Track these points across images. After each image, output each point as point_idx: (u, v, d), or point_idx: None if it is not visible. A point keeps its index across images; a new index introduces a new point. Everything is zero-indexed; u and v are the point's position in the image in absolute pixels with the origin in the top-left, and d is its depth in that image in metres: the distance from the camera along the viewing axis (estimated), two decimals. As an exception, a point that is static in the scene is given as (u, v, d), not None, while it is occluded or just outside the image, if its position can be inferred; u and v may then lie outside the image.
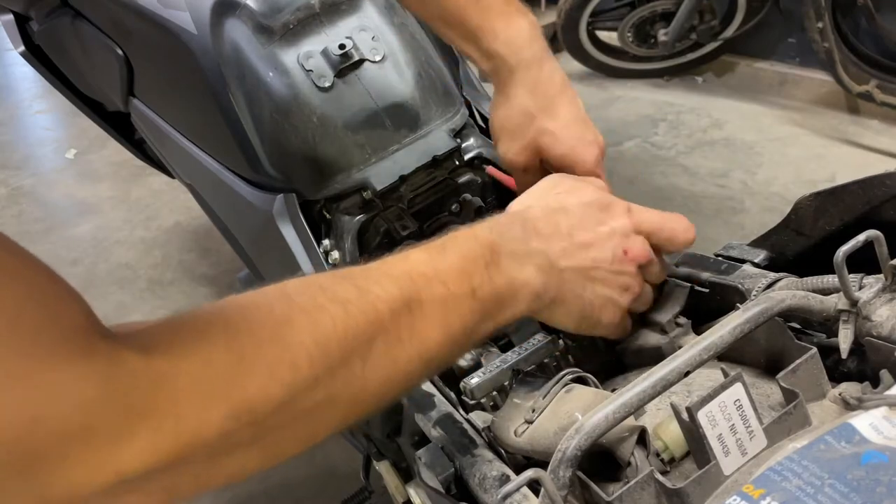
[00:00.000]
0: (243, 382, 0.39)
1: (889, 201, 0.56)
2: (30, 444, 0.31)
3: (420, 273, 0.50)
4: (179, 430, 0.36)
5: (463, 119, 0.88)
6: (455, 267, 0.52)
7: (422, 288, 0.49)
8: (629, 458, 0.48)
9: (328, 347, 0.43)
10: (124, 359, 0.34)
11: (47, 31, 1.31)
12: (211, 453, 0.38)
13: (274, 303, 0.44)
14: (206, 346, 0.38)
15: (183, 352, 0.37)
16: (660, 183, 2.29)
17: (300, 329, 0.43)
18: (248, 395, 0.39)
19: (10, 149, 2.99)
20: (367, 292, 0.47)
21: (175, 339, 0.38)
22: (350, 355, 0.44)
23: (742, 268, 0.64)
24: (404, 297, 0.48)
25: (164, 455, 0.35)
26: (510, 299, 0.55)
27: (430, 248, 0.53)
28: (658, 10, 2.71)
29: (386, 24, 0.87)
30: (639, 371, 0.66)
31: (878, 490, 0.38)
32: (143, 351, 0.35)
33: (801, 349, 0.50)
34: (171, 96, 1.07)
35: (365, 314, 0.46)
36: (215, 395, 0.37)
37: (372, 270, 0.50)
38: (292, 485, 1.50)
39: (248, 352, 0.40)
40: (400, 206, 0.83)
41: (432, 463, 0.58)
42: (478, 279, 0.53)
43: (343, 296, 0.46)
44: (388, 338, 0.47)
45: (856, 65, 2.35)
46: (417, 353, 0.49)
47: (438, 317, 0.50)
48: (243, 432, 0.39)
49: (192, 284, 2.11)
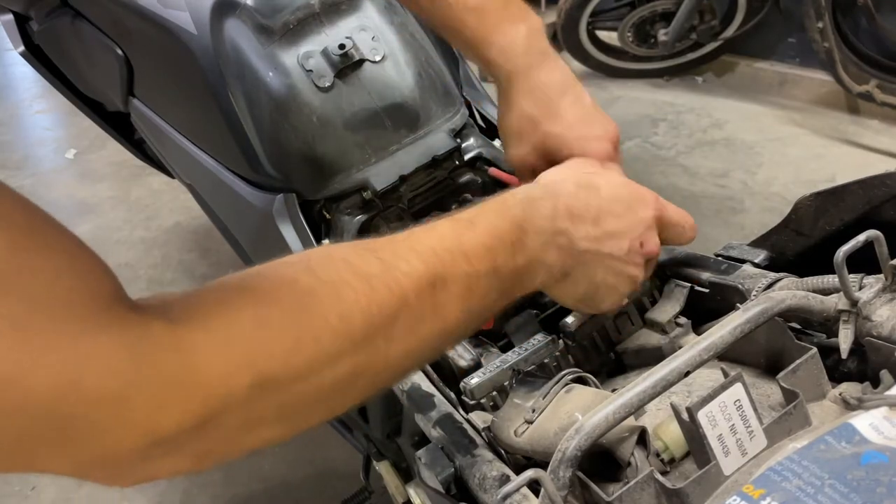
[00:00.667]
0: (268, 352, 0.39)
1: (889, 201, 0.56)
2: (65, 409, 0.32)
3: (446, 249, 0.50)
4: (207, 396, 0.37)
5: (463, 119, 0.88)
6: (481, 244, 0.52)
7: (447, 265, 0.49)
8: (629, 458, 0.48)
9: (352, 322, 0.43)
10: (153, 329, 0.35)
11: (47, 31, 1.31)
12: (238, 420, 0.39)
13: (299, 275, 0.44)
14: (231, 316, 0.39)
15: (208, 322, 0.38)
16: (660, 183, 2.29)
17: (324, 303, 0.43)
18: (272, 364, 0.39)
19: (10, 149, 2.99)
20: (392, 268, 0.47)
21: (201, 310, 0.39)
22: (373, 331, 0.44)
23: (742, 268, 0.64)
24: (429, 275, 0.48)
25: (192, 420, 0.36)
26: (528, 276, 0.56)
27: (459, 222, 0.53)
28: (658, 9, 2.71)
29: (386, 24, 0.87)
30: (639, 371, 0.66)
31: (878, 490, 0.38)
32: (171, 321, 0.37)
33: (801, 349, 0.50)
34: (170, 96, 1.07)
35: (389, 290, 0.46)
36: (240, 363, 0.38)
37: (398, 244, 0.50)
38: (292, 485, 1.50)
39: (273, 322, 0.40)
40: (400, 206, 0.83)
41: (432, 463, 0.58)
42: (501, 258, 0.53)
43: (367, 270, 0.46)
44: (411, 314, 0.47)
45: (856, 65, 2.35)
46: (439, 329, 0.49)
47: (461, 294, 0.50)
48: (268, 400, 0.40)
49: (192, 284, 2.11)
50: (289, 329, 0.41)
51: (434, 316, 0.48)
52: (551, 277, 0.58)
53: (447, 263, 0.49)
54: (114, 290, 0.36)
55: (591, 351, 0.69)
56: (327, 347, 0.42)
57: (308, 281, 0.43)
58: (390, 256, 0.48)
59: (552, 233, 0.56)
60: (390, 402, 0.74)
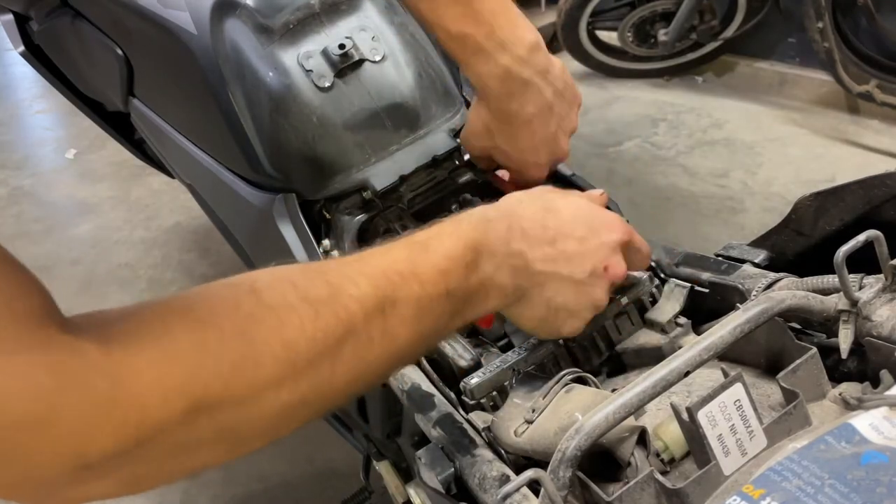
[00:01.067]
0: (205, 376, 0.39)
1: (889, 201, 0.56)
2: None
3: (397, 272, 0.50)
4: (140, 420, 0.36)
5: (463, 119, 0.88)
6: (434, 266, 0.52)
7: (398, 287, 0.49)
8: (629, 458, 0.48)
9: (295, 349, 0.43)
10: (84, 350, 0.35)
11: (47, 31, 1.31)
12: (173, 444, 0.38)
13: (241, 297, 0.43)
14: (167, 338, 0.38)
15: (143, 344, 0.37)
16: (660, 183, 2.29)
17: (267, 328, 0.42)
18: (208, 389, 0.39)
19: (10, 149, 2.99)
20: (340, 292, 0.46)
21: (136, 331, 0.38)
22: (318, 357, 0.44)
23: (742, 268, 0.64)
24: (378, 298, 0.48)
25: (125, 445, 0.35)
26: (481, 298, 0.56)
27: (413, 244, 0.53)
28: (658, 9, 2.70)
29: (386, 24, 0.87)
30: (639, 371, 0.66)
31: (878, 490, 0.38)
32: (105, 342, 0.36)
33: (801, 349, 0.50)
34: (170, 96, 1.07)
35: (336, 316, 0.45)
36: (175, 387, 0.37)
37: (349, 266, 0.49)
38: (292, 485, 1.50)
39: (211, 346, 0.40)
40: (400, 206, 0.83)
41: (432, 463, 0.58)
42: (454, 279, 0.53)
43: (315, 295, 0.45)
44: (358, 339, 0.46)
45: (856, 65, 2.35)
46: (387, 352, 0.49)
47: (411, 317, 0.50)
48: (204, 425, 0.39)
49: (192, 284, 2.10)
50: (227, 354, 0.40)
51: (383, 339, 0.48)
52: (506, 299, 0.57)
53: (398, 286, 0.49)
54: (44, 310, 0.35)
55: (591, 351, 0.69)
56: (268, 374, 0.41)
57: (251, 304, 0.43)
58: (339, 279, 0.47)
59: (506, 254, 0.56)
60: (390, 402, 0.74)
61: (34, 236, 2.38)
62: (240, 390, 0.40)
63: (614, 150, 2.48)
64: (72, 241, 2.35)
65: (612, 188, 0.68)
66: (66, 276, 2.19)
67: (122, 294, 2.10)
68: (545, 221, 0.58)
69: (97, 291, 2.11)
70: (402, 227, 0.83)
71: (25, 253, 2.30)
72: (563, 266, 0.58)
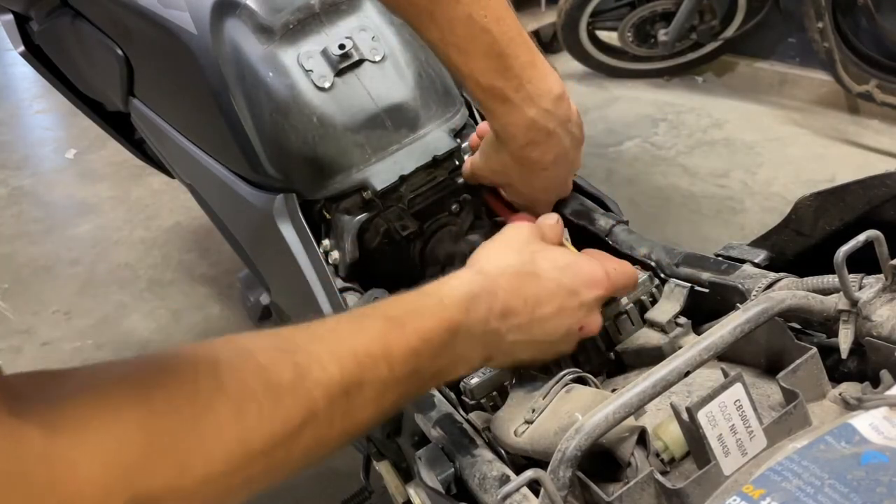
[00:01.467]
0: (152, 471, 0.37)
1: (889, 201, 0.56)
2: None
3: (369, 353, 0.49)
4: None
5: (463, 119, 0.88)
6: (407, 346, 0.51)
7: (366, 370, 0.49)
8: (629, 458, 0.48)
9: (250, 442, 0.42)
10: (27, 437, 0.33)
11: (47, 31, 1.31)
12: None
13: (201, 380, 0.41)
14: (119, 426, 0.37)
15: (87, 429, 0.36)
16: (660, 183, 2.29)
17: (224, 419, 0.41)
18: (154, 485, 0.37)
19: (10, 149, 2.99)
20: (306, 376, 0.45)
21: (82, 411, 0.36)
22: (273, 446, 0.43)
23: (742, 268, 0.64)
24: (345, 383, 0.47)
25: None
26: (448, 373, 0.57)
27: (390, 321, 0.52)
28: (658, 9, 2.70)
29: (386, 24, 0.87)
30: (639, 371, 0.66)
31: (878, 490, 0.38)
32: (50, 427, 0.34)
33: (801, 349, 0.50)
34: (171, 96, 1.07)
35: (297, 404, 0.44)
36: (118, 480, 0.36)
37: (320, 342, 0.49)
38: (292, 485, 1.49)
39: (163, 440, 0.38)
40: (400, 206, 0.83)
41: (432, 463, 0.58)
42: (425, 359, 0.53)
43: (278, 380, 0.44)
44: (318, 423, 0.46)
45: (856, 65, 2.35)
46: (346, 431, 0.49)
47: (375, 398, 0.49)
48: None
49: (192, 284, 2.11)
50: (178, 448, 0.39)
51: (343, 420, 0.48)
52: (472, 369, 0.61)
53: (367, 369, 0.49)
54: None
55: (591, 351, 0.69)
56: (219, 469, 0.40)
57: (209, 390, 0.41)
58: (306, 360, 0.46)
59: (483, 333, 0.57)
60: (390, 402, 0.74)
61: (34, 236, 2.38)
62: (186, 484, 0.39)
63: (614, 150, 2.48)
64: (72, 241, 2.35)
65: (612, 188, 0.68)
66: (66, 276, 2.19)
67: (121, 294, 2.10)
68: (525, 291, 0.59)
69: (97, 291, 2.11)
70: (402, 227, 0.83)
71: (25, 253, 2.31)
72: (536, 332, 0.59)
